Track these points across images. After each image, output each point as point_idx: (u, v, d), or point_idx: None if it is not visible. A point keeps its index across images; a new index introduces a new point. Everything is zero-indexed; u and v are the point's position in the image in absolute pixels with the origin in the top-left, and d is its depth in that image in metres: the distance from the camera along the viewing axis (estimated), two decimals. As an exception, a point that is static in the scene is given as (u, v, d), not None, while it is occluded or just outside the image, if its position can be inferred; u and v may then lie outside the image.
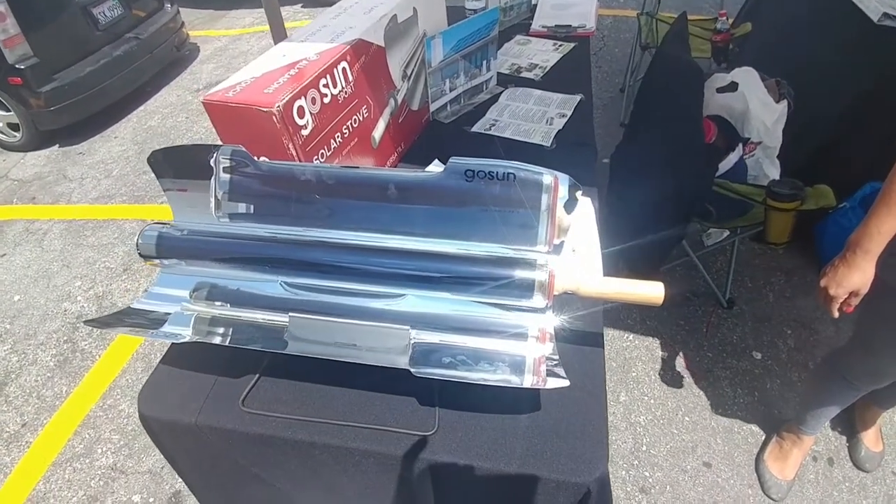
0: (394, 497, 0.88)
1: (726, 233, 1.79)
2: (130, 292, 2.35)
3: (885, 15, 1.72)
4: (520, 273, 0.76)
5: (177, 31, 4.05)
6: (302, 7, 4.99)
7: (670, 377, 1.84)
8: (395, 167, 1.35)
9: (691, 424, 1.71)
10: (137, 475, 1.70)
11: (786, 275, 2.09)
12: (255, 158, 0.86)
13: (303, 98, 0.95)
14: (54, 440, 1.85)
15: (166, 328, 0.89)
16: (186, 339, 0.86)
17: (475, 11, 1.72)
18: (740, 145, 1.65)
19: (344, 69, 1.05)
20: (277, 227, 0.91)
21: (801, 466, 1.56)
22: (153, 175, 0.92)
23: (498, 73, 1.63)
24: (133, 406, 1.89)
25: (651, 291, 0.72)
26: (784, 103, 1.71)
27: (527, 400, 0.85)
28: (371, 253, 0.86)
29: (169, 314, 0.91)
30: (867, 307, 1.05)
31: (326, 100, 1.02)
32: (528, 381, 0.75)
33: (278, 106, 0.90)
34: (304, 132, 0.97)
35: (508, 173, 0.79)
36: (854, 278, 0.98)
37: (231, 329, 0.88)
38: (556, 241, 0.84)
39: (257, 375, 0.92)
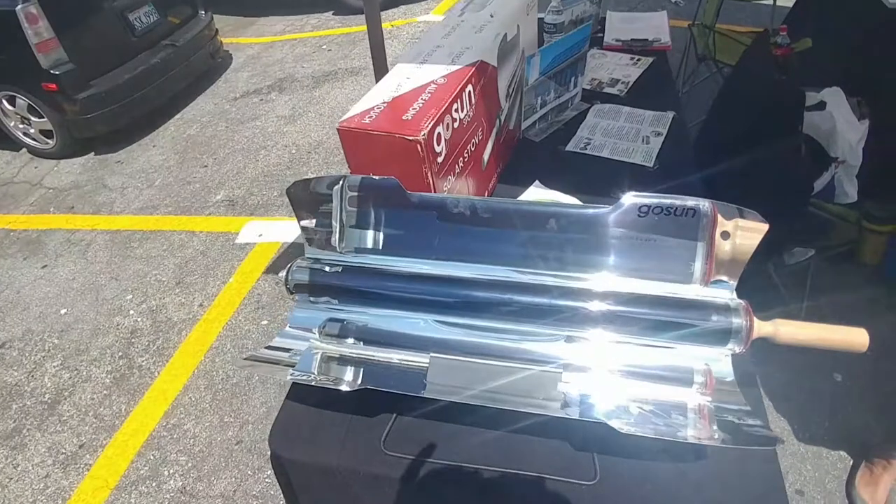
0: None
1: (811, 252, 1.74)
2: (185, 306, 2.32)
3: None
4: (715, 318, 0.72)
5: (212, 38, 4.04)
6: (333, 14, 4.97)
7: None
8: (495, 190, 1.31)
9: (779, 450, 1.65)
10: (209, 499, 1.66)
11: (862, 296, 2.04)
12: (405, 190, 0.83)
13: (441, 125, 0.91)
14: (116, 462, 1.81)
15: (299, 367, 0.85)
16: (314, 382, 0.82)
17: (553, 25, 1.68)
18: (832, 165, 1.61)
19: (469, 93, 1.02)
20: (413, 259, 0.88)
21: (892, 490, 1.52)
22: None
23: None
24: (199, 426, 1.86)
25: (854, 338, 0.68)
26: (866, 122, 1.67)
27: (692, 449, 0.80)
28: (524, 291, 0.81)
29: (300, 352, 0.87)
30: None
31: (456, 125, 0.98)
32: (720, 440, 0.70)
33: (423, 134, 0.86)
34: (439, 159, 0.94)
35: (688, 209, 0.75)
36: None
37: (361, 371, 0.85)
38: (716, 279, 0.80)
39: (394, 416, 0.88)
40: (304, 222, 0.90)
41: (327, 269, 0.84)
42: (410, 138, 0.86)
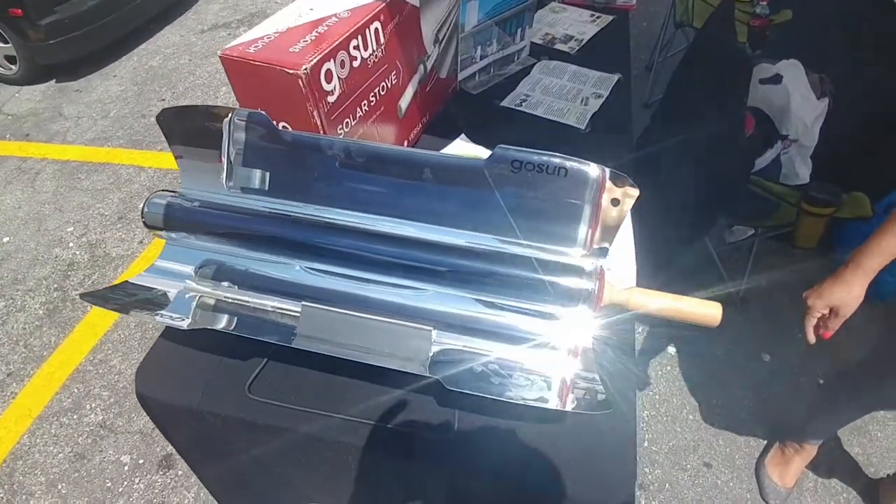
0: (402, 500, 0.83)
1: (751, 231, 1.72)
2: (125, 242, 2.27)
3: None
4: (564, 280, 0.69)
5: (184, -35, 3.84)
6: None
7: (677, 374, 1.81)
8: (418, 141, 1.26)
9: (695, 423, 1.68)
10: (127, 435, 1.66)
11: (802, 278, 2.04)
12: (277, 126, 0.78)
13: (332, 61, 0.86)
14: (41, 392, 1.80)
15: (168, 310, 0.82)
16: (185, 327, 0.79)
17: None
18: (779, 142, 1.57)
19: (376, 30, 0.95)
20: (294, 203, 0.84)
21: (801, 475, 1.54)
22: (153, 119, 0.84)
23: (530, 42, 1.52)
24: (125, 363, 1.84)
25: (708, 312, 0.66)
26: (826, 101, 1.62)
27: (552, 412, 0.79)
28: (395, 242, 0.78)
29: (171, 293, 0.84)
30: (890, 336, 0.99)
31: (356, 63, 0.92)
32: (554, 403, 0.69)
33: (305, 68, 0.81)
34: (331, 98, 0.88)
35: (560, 168, 0.71)
36: (837, 293, 0.91)
37: (235, 317, 0.82)
38: (597, 245, 0.77)
39: (264, 360, 0.86)
40: (181, 153, 0.85)
41: (189, 205, 0.80)
42: (290, 71, 0.81)
